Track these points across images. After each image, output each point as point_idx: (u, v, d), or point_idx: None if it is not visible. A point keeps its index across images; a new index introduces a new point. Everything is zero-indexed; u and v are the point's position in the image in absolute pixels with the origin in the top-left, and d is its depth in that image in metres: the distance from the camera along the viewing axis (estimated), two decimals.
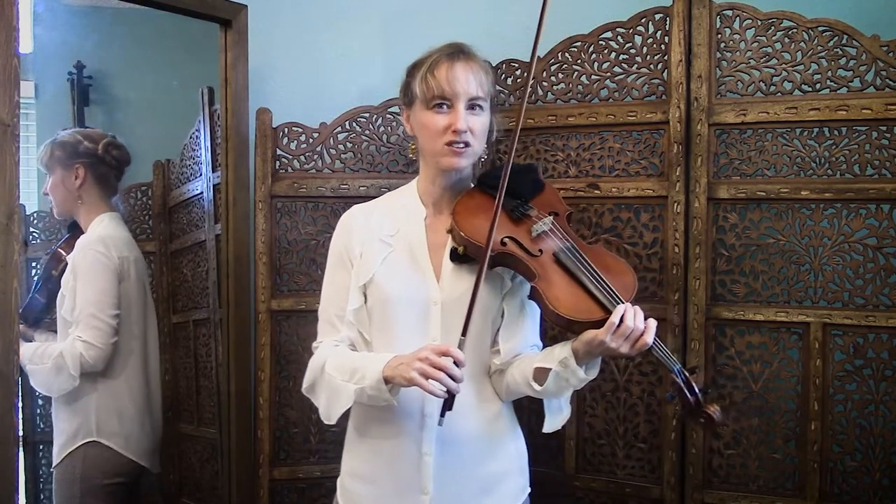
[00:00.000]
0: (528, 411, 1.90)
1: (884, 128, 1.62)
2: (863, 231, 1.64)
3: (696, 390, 1.28)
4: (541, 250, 1.36)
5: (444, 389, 1.26)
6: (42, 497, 2.44)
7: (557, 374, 1.32)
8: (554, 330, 1.66)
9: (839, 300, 1.66)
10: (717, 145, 1.73)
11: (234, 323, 1.99)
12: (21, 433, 2.33)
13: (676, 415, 1.74)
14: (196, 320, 2.27)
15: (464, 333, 1.31)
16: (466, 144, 1.40)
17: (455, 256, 1.42)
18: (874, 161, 1.63)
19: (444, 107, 1.40)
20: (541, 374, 1.35)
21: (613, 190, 1.80)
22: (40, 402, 2.47)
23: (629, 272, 1.39)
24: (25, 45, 2.34)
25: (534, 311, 1.47)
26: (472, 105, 1.41)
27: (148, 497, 2.25)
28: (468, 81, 1.40)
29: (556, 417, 1.43)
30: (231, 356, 2.00)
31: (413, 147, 1.51)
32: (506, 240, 1.37)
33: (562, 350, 1.33)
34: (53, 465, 2.04)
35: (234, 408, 2.00)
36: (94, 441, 1.99)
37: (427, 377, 1.25)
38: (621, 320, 1.26)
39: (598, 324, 1.29)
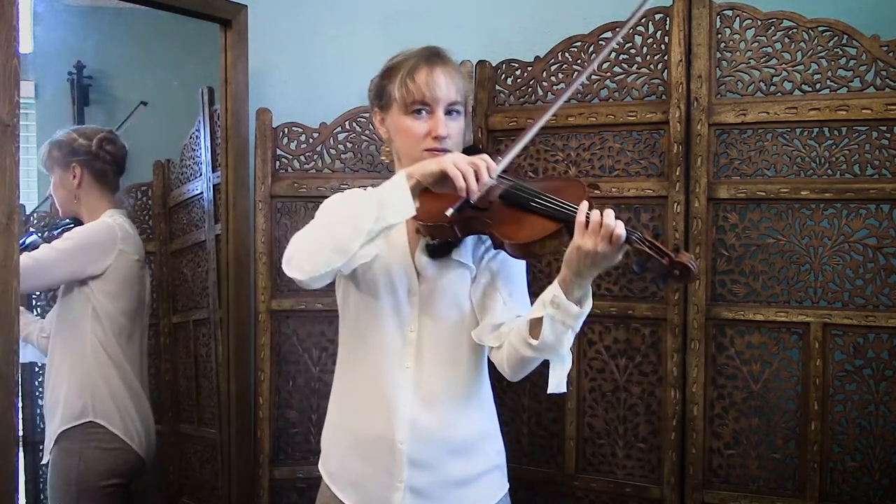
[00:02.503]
0: (528, 411, 1.91)
1: (884, 128, 1.62)
2: (863, 231, 1.64)
3: (666, 250, 1.22)
4: (490, 202, 1.35)
5: (464, 185, 1.22)
6: (42, 497, 2.45)
7: (552, 317, 1.27)
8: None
9: (839, 300, 1.66)
10: (717, 145, 1.73)
11: (234, 323, 1.99)
12: (21, 433, 2.33)
13: (676, 415, 1.75)
14: (196, 320, 2.27)
15: (504, 164, 1.31)
16: (446, 149, 1.40)
17: (432, 251, 1.42)
18: (874, 161, 1.63)
19: (423, 112, 1.39)
20: (536, 327, 1.30)
21: (613, 190, 1.81)
22: (40, 402, 2.47)
23: (578, 184, 1.38)
24: (25, 45, 2.34)
25: (509, 279, 1.44)
26: (450, 110, 1.41)
27: (148, 497, 2.25)
28: (448, 87, 1.39)
29: (559, 371, 1.35)
30: (231, 356, 2.00)
31: (386, 150, 1.51)
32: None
33: (549, 290, 1.29)
34: (48, 452, 2.00)
35: (234, 408, 2.00)
36: (90, 421, 1.95)
37: (458, 167, 1.23)
38: (587, 218, 1.22)
39: (557, 236, 1.28)
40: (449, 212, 1.25)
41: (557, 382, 1.36)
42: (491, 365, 1.45)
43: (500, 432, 1.52)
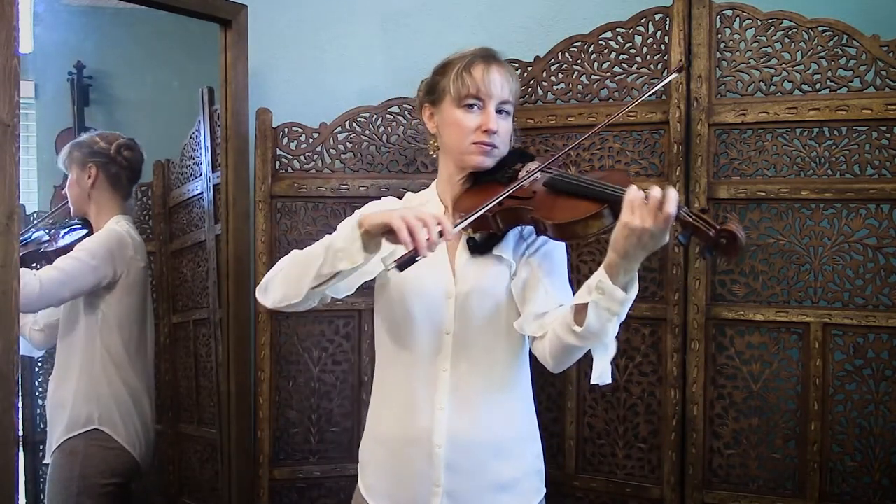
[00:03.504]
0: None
1: (884, 128, 1.62)
2: (863, 231, 1.64)
3: (712, 221, 1.18)
4: (534, 192, 1.37)
5: (411, 243, 1.18)
6: (42, 497, 2.44)
7: (597, 303, 1.22)
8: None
9: (839, 300, 1.66)
10: (717, 145, 1.73)
11: (234, 323, 1.99)
12: (21, 433, 2.33)
13: (676, 415, 1.74)
14: (196, 320, 2.27)
15: (462, 225, 1.29)
16: (494, 145, 1.41)
17: (474, 246, 1.42)
18: (874, 161, 1.63)
19: (476, 107, 1.41)
20: (580, 314, 1.26)
21: None
22: (40, 402, 2.47)
23: (622, 172, 1.42)
24: (25, 45, 2.34)
25: (551, 269, 1.42)
26: (501, 109, 1.42)
27: (148, 497, 2.25)
28: (502, 85, 1.42)
29: (601, 360, 1.32)
30: (231, 356, 2.00)
31: (434, 144, 1.51)
32: (503, 200, 1.37)
33: (594, 277, 1.25)
34: (50, 454, 2.02)
35: (234, 408, 2.00)
36: (95, 429, 1.99)
37: (403, 221, 1.19)
38: (636, 196, 1.18)
39: (601, 216, 1.26)
40: (390, 266, 1.23)
41: (601, 372, 1.32)
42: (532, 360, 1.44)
43: (539, 435, 1.50)
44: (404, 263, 1.20)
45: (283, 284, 1.36)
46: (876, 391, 1.64)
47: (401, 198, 1.56)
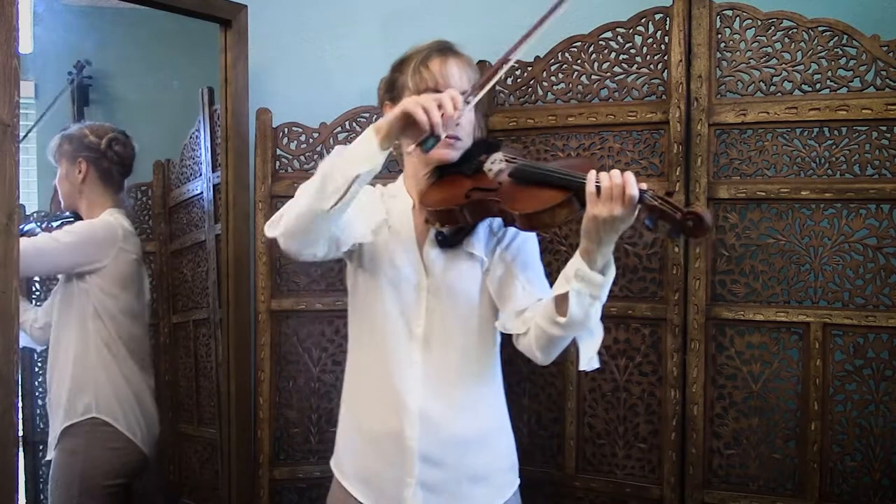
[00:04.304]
0: (528, 411, 1.91)
1: (884, 128, 1.62)
2: (863, 231, 1.64)
3: (679, 206, 1.21)
4: (500, 183, 1.37)
5: (426, 119, 1.21)
6: (42, 497, 2.45)
7: (578, 291, 1.25)
8: None
9: (839, 300, 1.66)
10: (717, 145, 1.73)
11: (234, 323, 1.99)
12: (21, 433, 2.33)
13: (676, 415, 1.74)
14: (196, 320, 2.27)
15: (466, 99, 1.29)
16: (457, 137, 1.41)
17: (442, 240, 1.42)
18: (874, 161, 1.63)
19: None
20: (562, 304, 1.28)
21: None
22: (40, 402, 2.47)
23: (588, 159, 1.42)
24: (25, 45, 2.34)
25: (526, 265, 1.44)
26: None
27: (148, 497, 2.25)
28: (461, 77, 1.41)
29: (588, 346, 1.34)
30: (231, 356, 2.00)
31: (397, 143, 1.51)
32: (469, 192, 1.38)
33: (571, 265, 1.28)
34: (51, 449, 2.00)
35: (234, 408, 2.00)
36: (94, 417, 1.97)
37: (419, 104, 1.21)
38: (597, 184, 1.21)
39: (567, 204, 1.28)
40: (410, 149, 1.27)
41: (589, 358, 1.34)
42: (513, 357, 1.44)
43: (511, 428, 1.52)
44: (424, 142, 1.23)
45: (297, 208, 1.30)
46: (876, 391, 1.64)
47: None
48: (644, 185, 1.22)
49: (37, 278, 2.42)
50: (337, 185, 1.24)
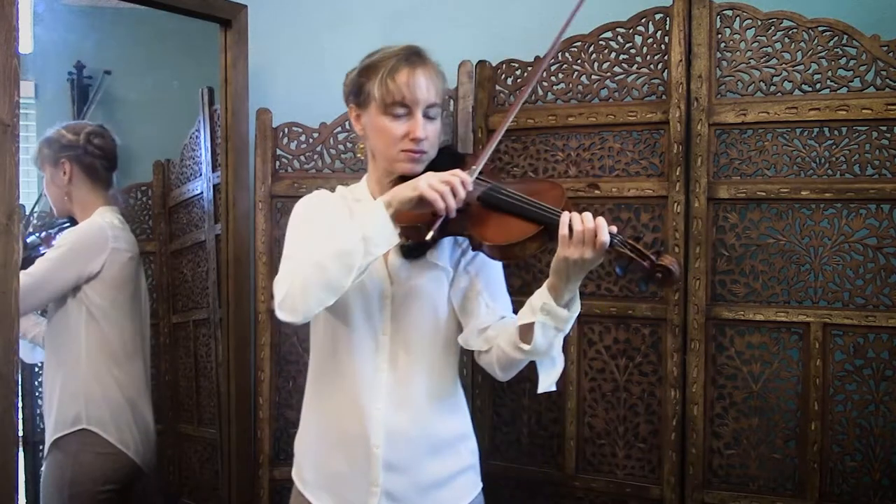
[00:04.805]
0: (528, 411, 1.91)
1: (884, 128, 1.62)
2: (863, 231, 1.64)
3: (648, 253, 1.24)
4: (468, 203, 1.36)
5: (444, 206, 1.25)
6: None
7: (543, 324, 1.29)
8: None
9: (839, 300, 1.66)
10: (717, 145, 1.73)
11: (234, 323, 1.99)
12: (21, 433, 2.33)
13: (676, 415, 1.75)
14: (196, 320, 2.28)
15: (471, 174, 1.32)
16: (423, 151, 1.40)
17: (406, 252, 1.42)
18: (874, 161, 1.63)
19: (402, 113, 1.39)
20: (526, 333, 1.31)
21: (613, 190, 1.80)
22: (40, 402, 2.47)
23: (556, 186, 1.40)
24: (25, 45, 2.35)
25: (489, 281, 1.46)
26: (427, 112, 1.40)
27: (148, 497, 2.26)
28: (428, 88, 1.39)
29: (549, 373, 1.38)
30: (231, 356, 2.00)
31: (362, 147, 1.50)
32: (435, 211, 1.36)
33: (539, 297, 1.30)
34: (44, 456, 1.96)
35: (234, 408, 2.00)
36: (83, 429, 1.91)
37: (433, 189, 1.25)
38: (570, 227, 1.24)
39: (538, 238, 1.30)
40: (429, 235, 1.28)
41: (549, 384, 1.38)
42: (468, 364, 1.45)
43: (473, 432, 1.52)
44: (440, 228, 1.28)
45: (318, 290, 1.29)
46: (876, 391, 1.64)
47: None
48: (614, 229, 1.25)
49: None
50: (359, 265, 1.27)
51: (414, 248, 1.41)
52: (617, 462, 1.84)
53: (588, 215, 1.24)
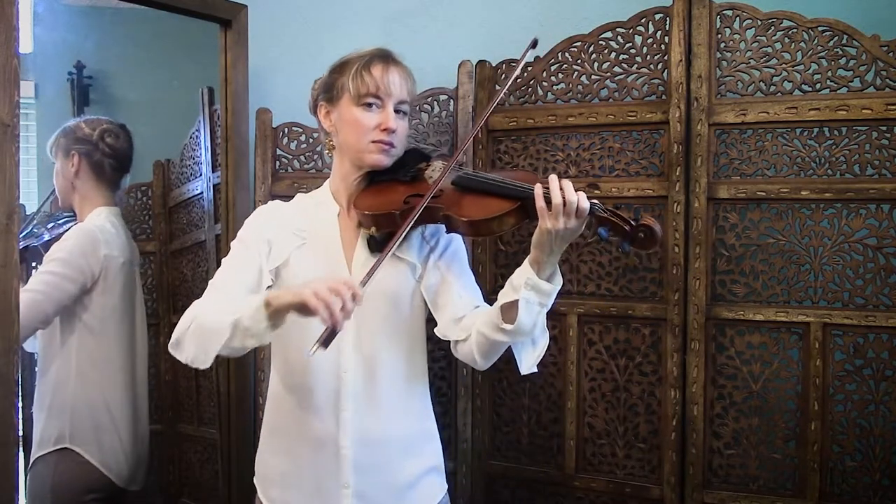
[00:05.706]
0: (528, 411, 1.91)
1: (884, 128, 1.62)
2: (863, 231, 1.64)
3: (629, 218, 1.26)
4: (441, 190, 1.38)
5: (329, 317, 1.15)
6: None
7: (527, 300, 1.28)
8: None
9: (839, 300, 1.66)
10: (717, 145, 1.73)
11: None
12: (21, 433, 2.33)
13: (676, 415, 1.75)
14: None
15: (363, 283, 1.25)
16: (392, 144, 1.42)
17: (373, 245, 1.42)
18: (874, 161, 1.63)
19: (374, 106, 1.41)
20: (509, 312, 1.31)
21: (613, 190, 1.80)
22: None
23: (527, 172, 1.45)
24: (25, 45, 2.35)
25: (460, 273, 1.46)
26: (399, 109, 1.43)
27: (148, 497, 2.26)
28: (401, 85, 1.42)
29: (530, 354, 1.38)
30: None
31: (330, 143, 1.50)
32: (408, 199, 1.39)
33: (520, 274, 1.30)
34: (28, 469, 1.94)
35: (234, 408, 2.00)
36: (66, 448, 1.88)
37: (318, 297, 1.15)
38: (549, 199, 1.24)
39: (515, 213, 1.32)
40: (312, 351, 1.17)
41: (530, 365, 1.39)
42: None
43: (438, 433, 1.52)
44: (327, 341, 1.17)
45: (192, 347, 1.33)
46: (876, 391, 1.64)
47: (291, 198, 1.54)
48: (595, 200, 1.26)
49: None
50: (230, 345, 1.27)
51: (381, 241, 1.40)
52: (617, 462, 1.84)
53: (567, 183, 1.25)
